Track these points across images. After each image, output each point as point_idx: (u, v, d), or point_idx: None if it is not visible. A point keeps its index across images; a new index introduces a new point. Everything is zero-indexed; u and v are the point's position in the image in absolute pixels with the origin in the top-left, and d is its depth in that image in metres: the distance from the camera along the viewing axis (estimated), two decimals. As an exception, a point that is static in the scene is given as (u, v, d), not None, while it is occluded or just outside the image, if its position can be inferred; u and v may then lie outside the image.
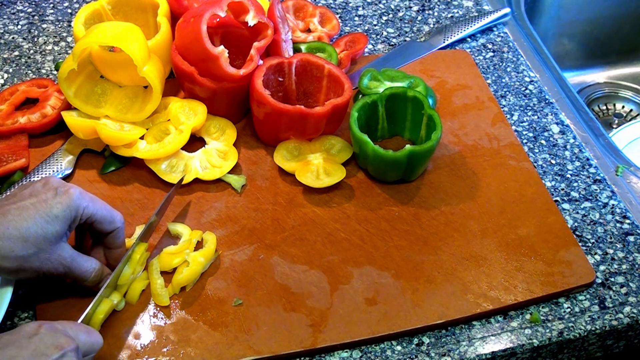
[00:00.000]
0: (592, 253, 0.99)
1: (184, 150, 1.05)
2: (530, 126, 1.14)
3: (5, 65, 1.20)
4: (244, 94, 1.06)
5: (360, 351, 0.89)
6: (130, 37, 1.00)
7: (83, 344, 0.77)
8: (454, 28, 1.27)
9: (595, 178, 1.08)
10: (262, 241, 0.97)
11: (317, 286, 0.93)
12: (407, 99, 1.06)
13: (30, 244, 0.80)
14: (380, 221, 1.00)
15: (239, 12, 1.06)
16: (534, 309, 0.93)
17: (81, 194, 0.84)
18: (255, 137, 1.10)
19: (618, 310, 0.94)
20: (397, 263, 0.96)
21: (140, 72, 1.00)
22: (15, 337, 0.72)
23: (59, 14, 1.29)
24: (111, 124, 1.03)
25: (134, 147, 1.03)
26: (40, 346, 0.72)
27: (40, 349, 0.71)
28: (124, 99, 1.06)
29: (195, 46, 1.02)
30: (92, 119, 1.03)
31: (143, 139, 1.04)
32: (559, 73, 1.25)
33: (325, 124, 1.05)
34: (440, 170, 1.07)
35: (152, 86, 1.02)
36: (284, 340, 0.88)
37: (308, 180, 1.02)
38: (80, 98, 1.04)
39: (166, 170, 1.03)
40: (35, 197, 0.82)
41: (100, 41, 1.00)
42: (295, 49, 1.14)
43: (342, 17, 1.30)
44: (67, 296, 0.91)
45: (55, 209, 0.82)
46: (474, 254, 0.97)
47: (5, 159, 1.03)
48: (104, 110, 1.04)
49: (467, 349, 0.90)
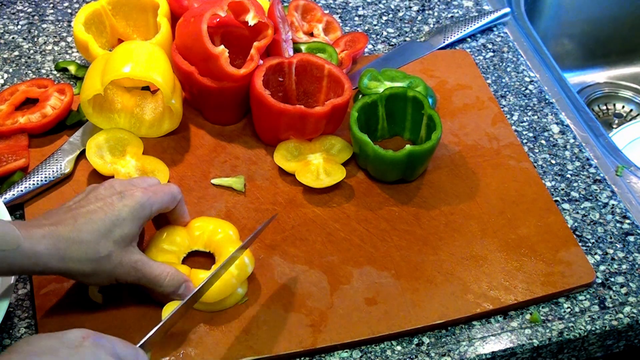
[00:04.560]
0: (592, 253, 0.99)
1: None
2: (530, 126, 1.14)
3: (5, 65, 1.20)
4: (244, 94, 1.06)
5: (360, 351, 0.89)
6: (158, 67, 1.02)
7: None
8: (454, 28, 1.27)
9: (595, 178, 1.08)
10: (262, 241, 0.97)
11: (317, 286, 0.93)
12: (407, 99, 1.06)
13: (101, 247, 0.80)
14: (380, 221, 1.00)
15: (239, 11, 1.06)
16: (534, 309, 0.93)
17: (144, 193, 0.84)
18: (255, 137, 1.10)
19: (618, 310, 0.94)
20: (397, 263, 0.96)
21: (169, 102, 1.03)
22: (55, 344, 0.68)
23: (59, 14, 1.29)
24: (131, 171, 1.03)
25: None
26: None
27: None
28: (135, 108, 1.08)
29: (196, 46, 1.02)
30: (113, 166, 1.03)
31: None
32: (559, 73, 1.25)
33: (325, 124, 1.05)
34: (440, 170, 1.07)
35: (174, 110, 1.05)
36: (284, 340, 0.88)
37: (308, 181, 1.02)
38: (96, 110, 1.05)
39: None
40: (102, 201, 0.82)
41: (133, 74, 1.01)
42: (295, 49, 1.14)
43: (342, 17, 1.30)
44: (68, 296, 0.91)
45: (123, 212, 0.82)
46: (474, 254, 0.97)
47: (5, 159, 1.03)
48: (118, 120, 1.06)
49: (467, 349, 0.90)
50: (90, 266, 0.80)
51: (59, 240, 0.78)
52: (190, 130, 1.10)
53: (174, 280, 0.85)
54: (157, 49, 1.06)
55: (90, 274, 0.81)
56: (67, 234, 0.79)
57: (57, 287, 0.91)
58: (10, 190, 1.00)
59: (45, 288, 0.91)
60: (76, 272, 0.80)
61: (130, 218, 0.82)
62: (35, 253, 0.76)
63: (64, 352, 0.67)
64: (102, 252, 0.80)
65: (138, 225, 0.84)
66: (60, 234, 0.78)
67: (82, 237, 0.79)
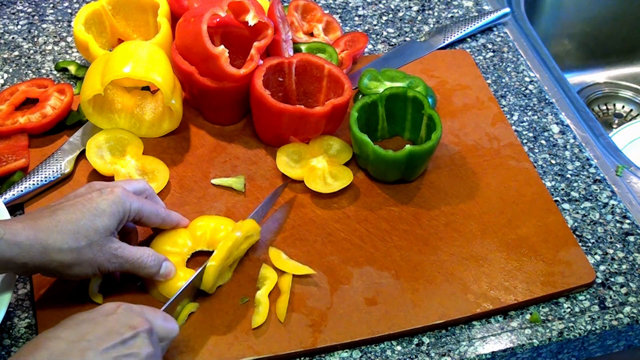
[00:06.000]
0: (592, 253, 0.99)
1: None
2: (530, 126, 1.14)
3: (5, 65, 1.20)
4: (244, 94, 1.06)
5: (360, 351, 0.89)
6: (158, 67, 1.03)
7: (159, 329, 0.78)
8: (454, 28, 1.27)
9: (595, 178, 1.08)
10: (262, 241, 0.97)
11: (317, 286, 0.93)
12: (407, 99, 1.06)
13: (81, 236, 0.82)
14: (380, 221, 1.00)
15: (239, 11, 1.06)
16: (534, 309, 0.93)
17: (124, 192, 0.87)
18: (255, 137, 1.10)
19: (618, 310, 0.94)
20: (397, 263, 0.96)
21: (169, 102, 1.03)
22: (93, 315, 0.75)
23: (59, 14, 1.29)
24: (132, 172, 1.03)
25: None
26: (115, 325, 0.74)
27: (114, 328, 0.74)
28: (135, 108, 1.07)
29: (196, 46, 1.02)
30: (113, 166, 1.03)
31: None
32: (559, 73, 1.25)
33: (325, 124, 1.05)
34: (440, 170, 1.07)
35: (174, 110, 1.05)
36: (284, 340, 0.88)
37: (318, 187, 1.01)
38: (96, 110, 1.05)
39: None
40: (82, 197, 0.85)
41: (133, 75, 1.01)
42: (295, 49, 1.14)
43: (342, 17, 1.30)
44: (68, 296, 0.91)
45: (102, 204, 0.84)
46: (474, 254, 0.97)
47: (5, 159, 1.03)
48: (118, 120, 1.06)
49: (467, 349, 0.90)
50: (71, 256, 0.82)
51: (39, 231, 0.80)
52: (190, 130, 1.10)
53: (156, 260, 0.88)
54: (157, 49, 1.06)
55: (72, 264, 0.83)
56: (47, 225, 0.81)
57: (57, 287, 0.91)
58: (10, 190, 1.00)
59: (45, 288, 0.91)
60: (59, 263, 0.82)
61: (109, 211, 0.84)
62: (17, 243, 0.79)
63: (100, 319, 0.75)
64: (82, 241, 0.82)
65: (117, 219, 0.85)
66: (39, 225, 0.81)
67: (62, 227, 0.82)
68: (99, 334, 0.73)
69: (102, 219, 0.84)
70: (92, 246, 0.83)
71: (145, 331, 0.75)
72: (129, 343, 0.73)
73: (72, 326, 0.73)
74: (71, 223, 0.82)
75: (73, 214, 0.83)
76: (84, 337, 0.72)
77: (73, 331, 0.72)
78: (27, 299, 0.92)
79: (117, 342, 0.72)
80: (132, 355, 0.73)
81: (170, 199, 1.02)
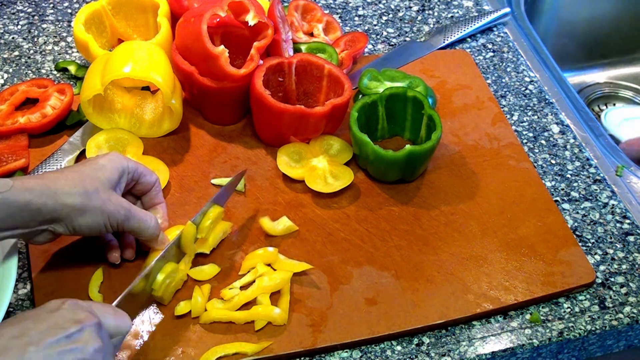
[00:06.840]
0: (592, 253, 0.99)
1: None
2: (530, 126, 1.14)
3: (5, 65, 1.20)
4: (244, 94, 1.06)
5: (360, 351, 0.89)
6: (158, 67, 1.03)
7: (108, 325, 0.77)
8: (454, 28, 1.27)
9: (595, 178, 1.08)
10: (262, 241, 0.97)
11: (317, 286, 0.93)
12: (407, 99, 1.06)
13: (87, 183, 0.86)
14: (380, 221, 1.00)
15: (239, 11, 1.06)
16: (534, 309, 0.93)
17: (120, 154, 0.92)
18: (255, 137, 1.10)
19: (618, 310, 0.94)
20: (397, 263, 0.96)
21: (169, 102, 1.04)
22: (37, 311, 0.74)
23: (59, 14, 1.29)
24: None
25: None
26: (59, 320, 0.72)
27: (58, 323, 0.72)
28: (135, 108, 1.08)
29: (196, 46, 1.02)
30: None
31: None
32: (559, 73, 1.25)
33: (325, 124, 1.05)
34: (440, 170, 1.07)
35: (174, 110, 1.05)
36: (284, 340, 0.88)
37: (319, 187, 1.02)
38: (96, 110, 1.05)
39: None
40: (82, 161, 0.91)
41: (133, 74, 1.01)
42: (295, 49, 1.14)
43: (342, 17, 1.30)
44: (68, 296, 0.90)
45: (102, 161, 0.89)
46: (474, 254, 0.97)
47: (5, 159, 1.03)
48: (118, 120, 1.06)
49: (467, 349, 0.90)
50: (80, 200, 0.85)
51: (47, 179, 0.85)
52: (190, 130, 1.10)
53: (157, 227, 0.92)
54: (157, 49, 1.06)
55: (82, 209, 0.85)
56: (53, 175, 0.86)
57: (57, 287, 0.91)
58: (10, 190, 1.00)
59: (45, 288, 0.91)
60: (70, 208, 0.85)
61: (110, 165, 0.89)
62: (29, 189, 0.82)
63: (44, 315, 0.73)
64: (89, 187, 0.86)
65: (117, 173, 0.90)
66: (46, 176, 0.86)
67: (67, 175, 0.86)
68: (42, 329, 0.71)
69: (104, 171, 0.88)
70: (99, 193, 0.86)
71: (91, 325, 0.73)
72: (73, 337, 0.71)
73: (14, 323, 0.72)
74: (76, 172, 0.87)
75: (76, 167, 0.88)
76: (26, 333, 0.70)
77: (15, 328, 0.71)
78: (27, 299, 0.92)
79: (61, 337, 0.71)
80: (77, 350, 0.71)
81: (170, 199, 1.02)
